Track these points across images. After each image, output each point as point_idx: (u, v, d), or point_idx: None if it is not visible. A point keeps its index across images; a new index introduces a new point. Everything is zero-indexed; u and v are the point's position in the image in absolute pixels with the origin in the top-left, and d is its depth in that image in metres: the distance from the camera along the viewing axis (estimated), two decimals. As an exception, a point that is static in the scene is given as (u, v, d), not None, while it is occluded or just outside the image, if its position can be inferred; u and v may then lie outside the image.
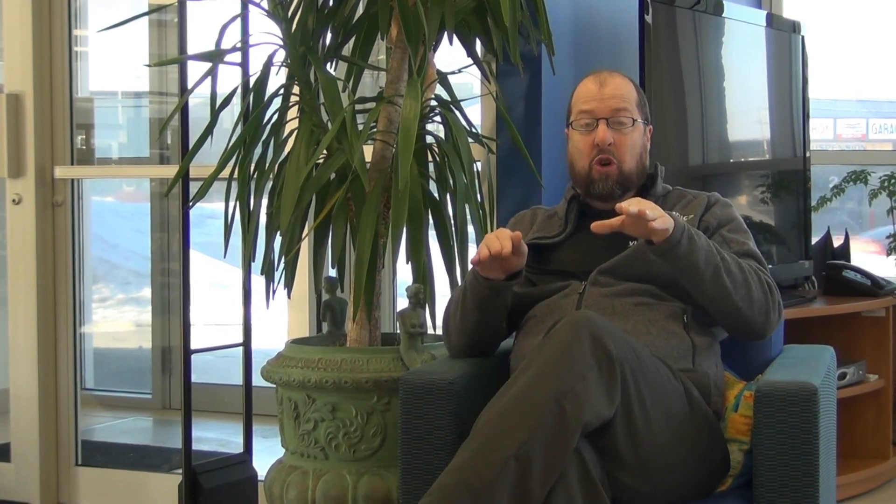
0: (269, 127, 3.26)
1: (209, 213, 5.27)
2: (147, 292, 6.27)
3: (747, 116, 4.49)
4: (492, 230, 3.34)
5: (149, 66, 6.00)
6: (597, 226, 2.54)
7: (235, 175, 3.23)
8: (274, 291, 3.24)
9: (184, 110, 3.41)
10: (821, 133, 6.78)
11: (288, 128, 3.30)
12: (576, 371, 2.31)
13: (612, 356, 2.34)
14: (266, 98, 3.27)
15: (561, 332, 2.38)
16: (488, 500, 2.21)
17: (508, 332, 2.90)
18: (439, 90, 3.36)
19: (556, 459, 2.26)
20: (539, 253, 2.87)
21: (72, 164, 4.31)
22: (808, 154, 4.61)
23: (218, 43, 3.30)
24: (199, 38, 3.50)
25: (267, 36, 3.29)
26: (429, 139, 3.31)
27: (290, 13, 3.24)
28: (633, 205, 2.48)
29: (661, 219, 2.52)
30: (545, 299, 2.77)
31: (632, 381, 2.38)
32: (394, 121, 3.18)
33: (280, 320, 3.96)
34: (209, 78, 3.23)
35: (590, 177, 2.83)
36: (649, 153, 2.91)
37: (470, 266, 2.77)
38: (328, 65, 3.34)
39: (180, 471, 3.45)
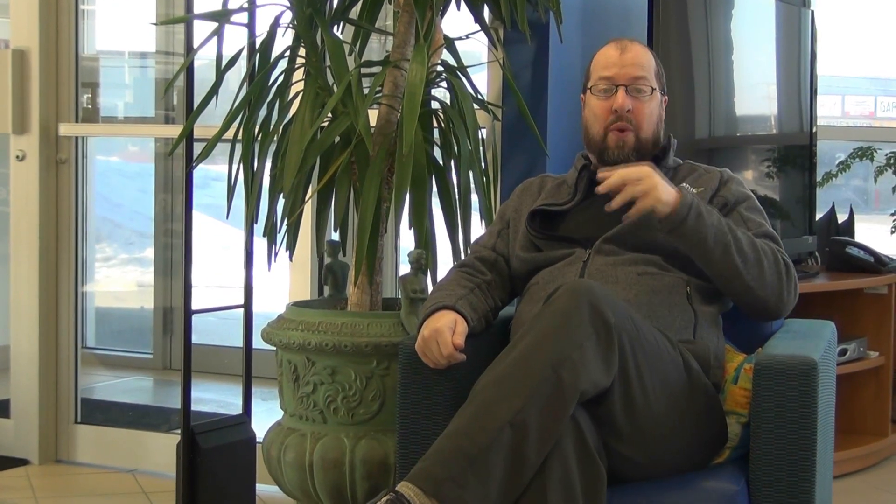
0: (274, 89, 3.25)
1: (213, 175, 5.28)
2: (150, 252, 6.27)
3: (755, 90, 4.47)
4: (495, 197, 3.34)
5: (155, 24, 5.98)
6: (603, 186, 2.54)
7: (240, 136, 3.23)
8: (276, 254, 3.24)
9: (189, 70, 3.39)
10: (829, 110, 6.77)
11: (293, 90, 3.29)
12: (573, 339, 2.31)
13: (611, 325, 2.34)
14: (272, 59, 3.26)
15: (559, 301, 2.38)
16: (483, 465, 2.22)
17: (510, 299, 2.90)
18: (446, 56, 3.35)
19: (551, 427, 2.26)
20: (547, 219, 2.86)
21: (76, 121, 4.30)
22: (814, 129, 4.59)
23: (224, 3, 3.29)
24: (206, -2, 3.49)
25: (274, -4, 3.28)
26: (434, 105, 3.30)
27: (297, -26, 3.23)
28: (614, 178, 2.51)
29: (654, 190, 2.51)
30: (549, 266, 2.77)
31: (630, 351, 2.38)
32: (399, 85, 3.17)
33: (281, 283, 3.96)
34: (215, 38, 3.23)
35: (605, 143, 2.81)
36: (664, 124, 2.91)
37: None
38: (335, 27, 3.33)
39: (179, 431, 3.46)
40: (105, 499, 3.91)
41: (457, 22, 3.39)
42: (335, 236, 3.36)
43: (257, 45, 3.29)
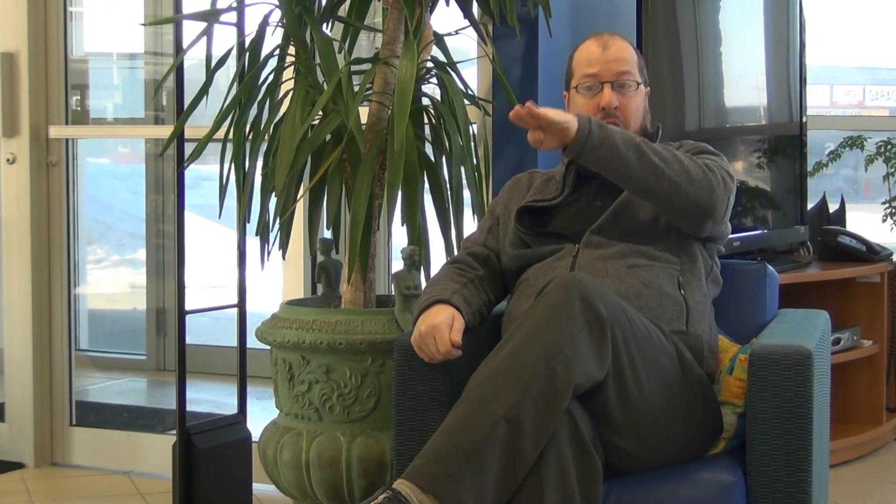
0: (264, 87, 3.25)
1: (204, 176, 5.27)
2: (142, 254, 6.27)
3: (744, 81, 4.47)
4: (487, 192, 3.34)
5: (144, 25, 5.97)
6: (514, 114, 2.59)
7: (230, 136, 3.22)
8: (269, 253, 3.23)
9: (179, 71, 3.39)
10: (818, 100, 6.78)
11: (283, 88, 3.29)
12: (566, 332, 2.31)
13: (603, 317, 2.34)
14: (262, 58, 3.25)
15: (551, 294, 2.38)
16: (479, 461, 2.22)
17: (502, 295, 2.90)
18: (436, 52, 3.34)
19: (546, 421, 2.26)
20: (535, 216, 2.86)
21: (66, 123, 4.29)
22: (804, 119, 4.60)
23: (213, 2, 3.28)
24: (195, -2, 3.48)
25: (262, -5, 3.28)
26: (425, 101, 3.30)
27: (285, -28, 3.22)
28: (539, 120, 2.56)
29: (551, 112, 2.55)
30: (539, 262, 2.77)
31: (623, 343, 2.38)
32: (390, 82, 3.17)
33: (275, 282, 3.96)
34: (204, 38, 3.22)
35: None
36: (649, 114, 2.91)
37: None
38: (324, 25, 3.33)
39: (174, 431, 3.46)
40: (101, 501, 3.91)
41: (446, 18, 3.39)
42: (328, 234, 3.35)
43: (247, 45, 3.29)
